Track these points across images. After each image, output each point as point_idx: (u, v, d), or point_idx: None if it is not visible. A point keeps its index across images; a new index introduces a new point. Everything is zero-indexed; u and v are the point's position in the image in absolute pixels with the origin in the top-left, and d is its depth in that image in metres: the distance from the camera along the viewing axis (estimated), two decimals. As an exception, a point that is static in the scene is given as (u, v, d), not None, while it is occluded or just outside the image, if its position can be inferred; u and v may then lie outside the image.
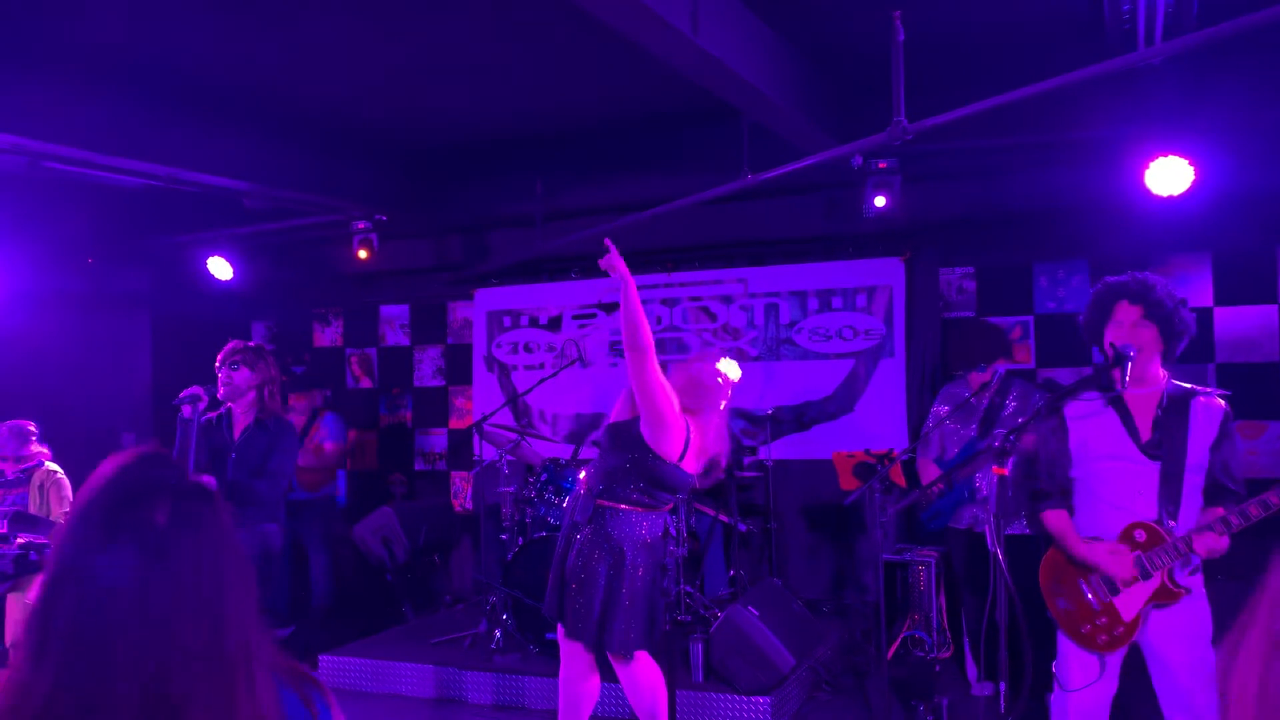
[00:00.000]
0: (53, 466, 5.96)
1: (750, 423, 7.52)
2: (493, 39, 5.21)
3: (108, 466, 1.36)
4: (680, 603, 6.05)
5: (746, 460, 7.31)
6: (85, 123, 5.52)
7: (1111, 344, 3.43)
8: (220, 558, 1.34)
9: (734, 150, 5.68)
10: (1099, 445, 3.45)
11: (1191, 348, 6.49)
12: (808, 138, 5.63)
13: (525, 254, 7.46)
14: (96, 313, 8.29)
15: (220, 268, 7.95)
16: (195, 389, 4.66)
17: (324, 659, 6.08)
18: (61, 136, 5.41)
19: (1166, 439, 3.32)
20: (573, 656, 4.22)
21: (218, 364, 5.03)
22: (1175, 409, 3.35)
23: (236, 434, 4.97)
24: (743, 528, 6.74)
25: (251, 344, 5.13)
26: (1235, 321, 6.48)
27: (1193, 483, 3.33)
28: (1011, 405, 5.44)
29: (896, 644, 5.93)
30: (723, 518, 6.70)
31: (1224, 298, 6.51)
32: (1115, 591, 3.36)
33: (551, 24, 4.95)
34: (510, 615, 5.88)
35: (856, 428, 7.24)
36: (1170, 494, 3.30)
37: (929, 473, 5.71)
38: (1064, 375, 6.77)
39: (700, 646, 5.38)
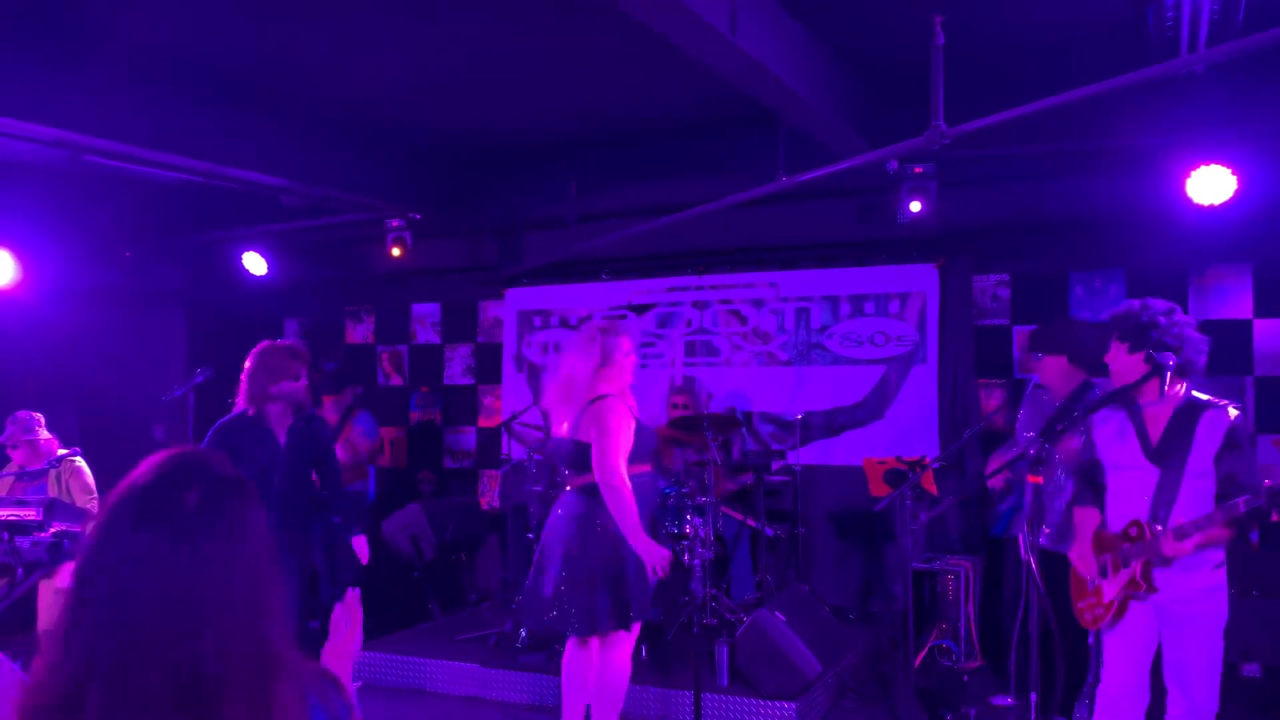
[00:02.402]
0: (71, 458, 5.97)
1: (779, 427, 7.49)
2: (530, 41, 5.22)
3: (146, 461, 1.37)
4: (707, 606, 6.03)
5: (775, 465, 7.29)
6: (127, 117, 5.58)
7: (1150, 354, 3.47)
8: (250, 548, 1.34)
9: (767, 154, 5.67)
10: (1117, 453, 3.60)
11: (1230, 360, 6.45)
12: (843, 141, 5.61)
13: (558, 255, 7.47)
14: (133, 307, 8.39)
15: (255, 263, 8.02)
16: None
17: (350, 654, 6.10)
18: (103, 131, 5.48)
19: (1171, 446, 3.44)
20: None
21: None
22: (1185, 419, 3.46)
23: (282, 438, 4.85)
24: (770, 532, 6.71)
25: (264, 346, 4.96)
26: (1275, 334, 6.38)
27: (1193, 488, 3.41)
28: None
29: (924, 653, 5.88)
30: (750, 522, 6.68)
31: (1264, 310, 6.41)
32: (1104, 575, 3.55)
33: (589, 27, 4.96)
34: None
35: (887, 434, 7.19)
36: (1165, 498, 3.42)
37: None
38: (1098, 385, 6.68)
39: (726, 650, 5.36)
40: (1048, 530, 4.43)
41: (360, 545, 5.01)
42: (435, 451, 8.93)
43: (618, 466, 4.13)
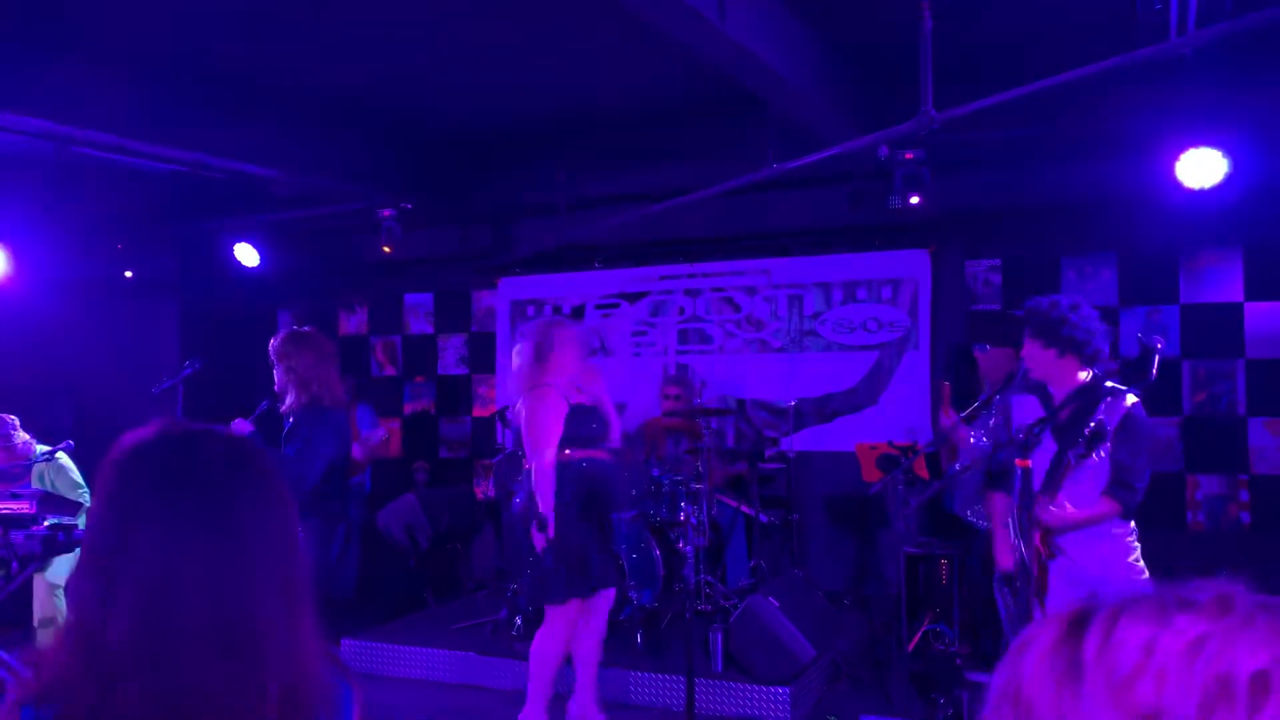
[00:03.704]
0: (53, 455, 5.94)
1: (773, 414, 7.50)
2: (521, 27, 5.21)
3: (145, 430, 1.35)
4: (701, 592, 6.06)
5: (769, 452, 7.30)
6: (114, 107, 5.56)
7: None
8: (279, 507, 1.36)
9: (759, 141, 5.66)
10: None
11: (1220, 343, 6.47)
12: (834, 128, 5.60)
13: (549, 243, 7.47)
14: (125, 298, 8.37)
15: (247, 254, 8.00)
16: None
17: (346, 643, 6.13)
18: (90, 121, 5.45)
19: (1072, 425, 3.66)
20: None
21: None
22: (1088, 401, 3.70)
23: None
24: (764, 519, 6.73)
25: (283, 334, 5.05)
26: (1266, 317, 6.40)
27: (1085, 464, 3.66)
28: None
29: (918, 637, 5.91)
30: (745, 509, 6.70)
31: (1255, 293, 6.43)
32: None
33: (579, 13, 4.94)
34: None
35: (880, 420, 7.21)
36: (1060, 470, 3.68)
37: None
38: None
39: (720, 636, 5.38)
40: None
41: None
42: (430, 441, 8.94)
43: (541, 450, 4.51)
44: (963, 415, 4.97)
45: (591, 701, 4.84)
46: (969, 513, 5.36)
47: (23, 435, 6.05)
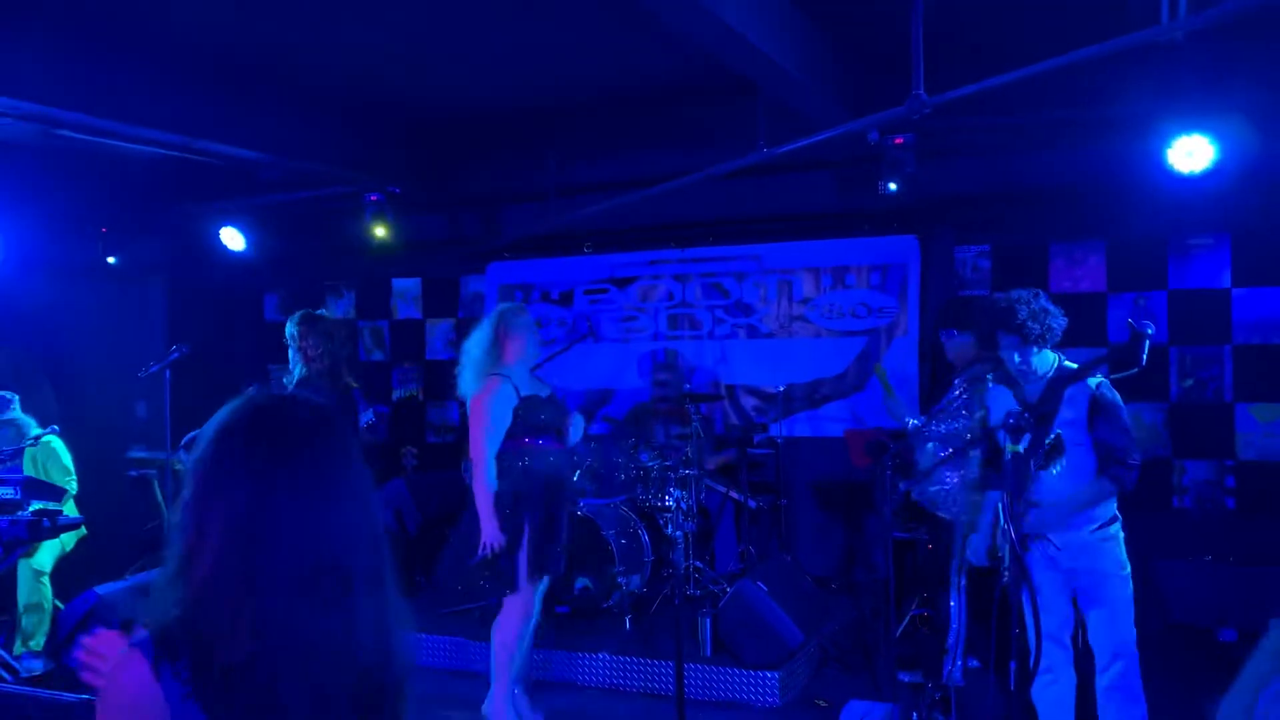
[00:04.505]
0: (47, 438, 5.92)
1: (762, 400, 7.50)
2: (509, 10, 5.16)
3: (238, 399, 1.46)
4: (690, 577, 6.06)
5: (758, 437, 7.30)
6: (98, 90, 5.49)
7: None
8: (358, 465, 1.45)
9: (749, 125, 5.64)
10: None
11: (1208, 329, 6.49)
12: (825, 113, 5.58)
13: (538, 228, 7.44)
14: (110, 282, 8.30)
15: (233, 239, 7.95)
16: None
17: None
18: (74, 103, 5.38)
19: (1043, 412, 3.76)
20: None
21: None
22: (1055, 387, 3.82)
23: None
24: (753, 504, 6.73)
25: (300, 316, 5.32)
26: (1254, 302, 6.42)
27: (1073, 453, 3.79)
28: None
29: (905, 622, 5.92)
30: (734, 494, 6.70)
31: (1243, 279, 6.44)
32: None
33: (567, -5, 4.91)
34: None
35: (869, 406, 7.21)
36: (1037, 455, 3.77)
37: None
38: (1078, 355, 6.72)
39: (709, 621, 5.39)
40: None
41: None
42: (418, 426, 8.91)
43: (477, 444, 4.56)
44: (932, 411, 5.03)
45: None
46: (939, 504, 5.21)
47: (20, 413, 6.02)
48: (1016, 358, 3.86)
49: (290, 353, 5.35)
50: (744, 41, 4.44)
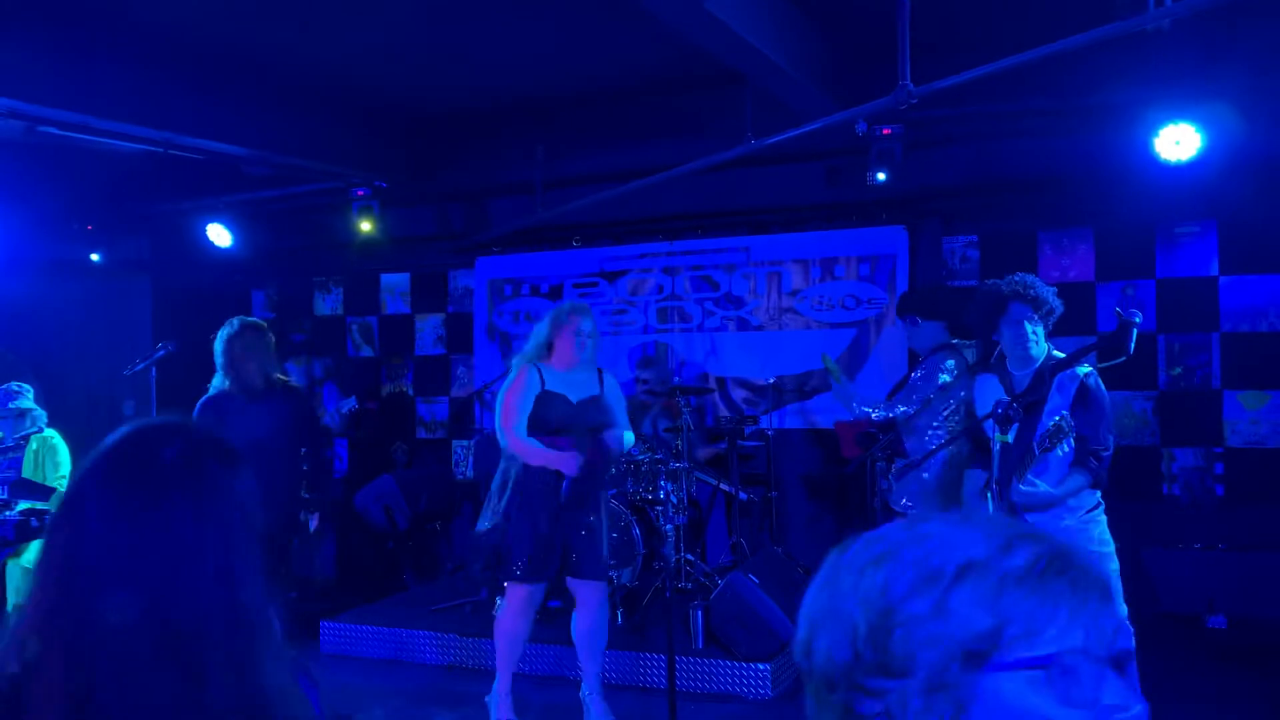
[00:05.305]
0: (48, 433, 5.90)
1: (752, 392, 7.50)
2: (493, 3, 5.14)
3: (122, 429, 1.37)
4: (681, 570, 6.06)
5: (748, 429, 7.30)
6: (82, 86, 5.45)
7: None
8: (226, 510, 1.31)
9: (737, 117, 5.62)
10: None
11: (1196, 317, 6.50)
12: (812, 104, 5.57)
13: (526, 222, 7.41)
14: (96, 279, 8.26)
15: (219, 235, 7.90)
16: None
17: (325, 625, 6.10)
18: (58, 100, 5.35)
19: (1031, 400, 3.80)
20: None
21: None
22: (1044, 375, 3.86)
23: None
24: (744, 496, 6.73)
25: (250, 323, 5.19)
26: (1241, 290, 6.44)
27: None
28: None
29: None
30: (724, 486, 6.70)
31: (1230, 267, 6.46)
32: None
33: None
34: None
35: (859, 396, 7.20)
36: (1024, 444, 3.76)
37: None
38: (1067, 344, 6.73)
39: (701, 614, 5.39)
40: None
41: None
42: (407, 422, 8.89)
43: (507, 430, 4.58)
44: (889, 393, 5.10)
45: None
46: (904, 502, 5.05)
47: (29, 404, 5.95)
48: (1028, 328, 3.91)
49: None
50: (731, 32, 4.43)
